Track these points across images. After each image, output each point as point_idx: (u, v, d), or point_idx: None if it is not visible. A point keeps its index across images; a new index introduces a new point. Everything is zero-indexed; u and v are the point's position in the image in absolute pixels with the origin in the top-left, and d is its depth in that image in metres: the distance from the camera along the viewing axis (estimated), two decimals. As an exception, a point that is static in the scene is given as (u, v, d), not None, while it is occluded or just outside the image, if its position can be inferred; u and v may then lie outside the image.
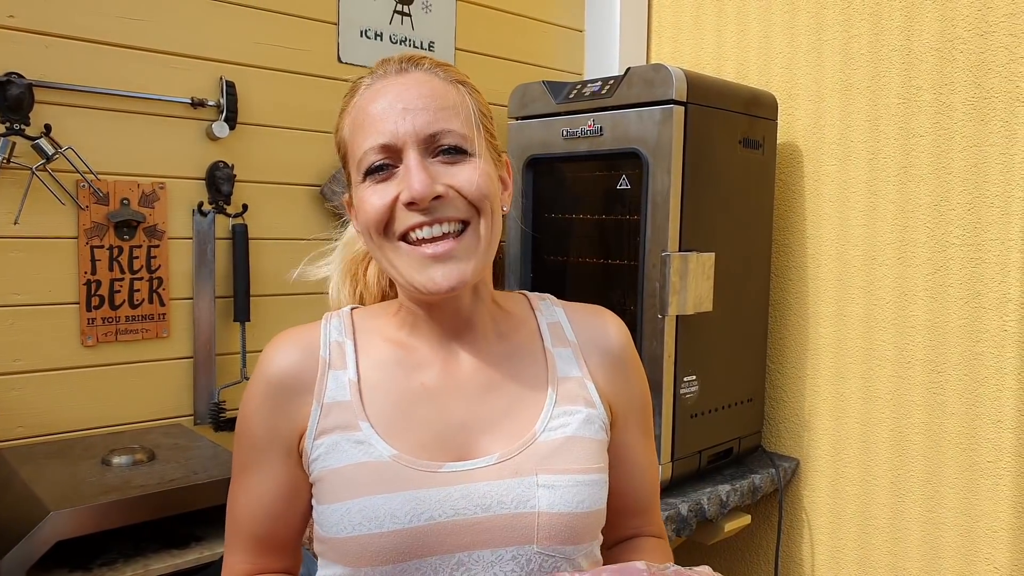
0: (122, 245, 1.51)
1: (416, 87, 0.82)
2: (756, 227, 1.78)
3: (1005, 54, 1.53)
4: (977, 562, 1.59)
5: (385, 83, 0.83)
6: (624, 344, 0.95)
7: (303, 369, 0.85)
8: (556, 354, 0.91)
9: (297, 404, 0.84)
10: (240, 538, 0.88)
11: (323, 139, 1.76)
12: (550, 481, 0.82)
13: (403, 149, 0.80)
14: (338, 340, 0.88)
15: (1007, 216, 1.53)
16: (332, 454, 0.82)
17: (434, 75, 0.84)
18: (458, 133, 0.81)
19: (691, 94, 1.54)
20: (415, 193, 0.78)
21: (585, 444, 0.86)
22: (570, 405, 0.88)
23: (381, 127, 0.80)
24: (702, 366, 1.63)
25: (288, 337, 0.88)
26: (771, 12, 1.91)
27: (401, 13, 1.85)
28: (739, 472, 1.77)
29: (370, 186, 0.81)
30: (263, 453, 0.85)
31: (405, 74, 0.84)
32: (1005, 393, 1.55)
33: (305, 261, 1.01)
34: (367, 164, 0.81)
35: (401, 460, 0.80)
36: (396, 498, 0.78)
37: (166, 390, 1.59)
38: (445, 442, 0.83)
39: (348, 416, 0.83)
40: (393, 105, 0.81)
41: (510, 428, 0.85)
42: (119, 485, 1.20)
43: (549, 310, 0.96)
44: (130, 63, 1.51)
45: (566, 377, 0.90)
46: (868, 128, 1.74)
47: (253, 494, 0.86)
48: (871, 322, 1.74)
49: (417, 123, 0.80)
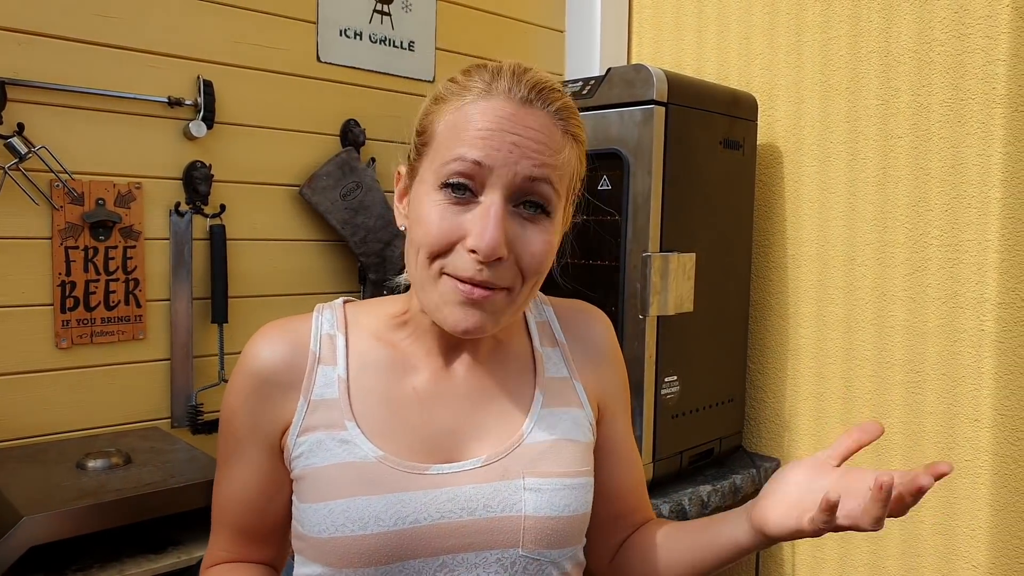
0: (97, 246, 1.49)
1: (535, 128, 0.77)
2: (737, 228, 1.78)
3: (981, 56, 1.54)
4: (956, 560, 1.60)
5: (506, 107, 0.76)
6: (610, 341, 0.96)
7: (291, 364, 0.83)
8: (544, 354, 0.91)
9: (282, 399, 0.83)
10: (223, 527, 0.87)
11: (302, 139, 1.75)
12: (536, 484, 0.81)
13: (491, 183, 0.75)
14: (330, 333, 0.86)
15: (984, 217, 1.55)
16: (316, 452, 0.80)
17: (557, 123, 0.78)
18: (549, 195, 0.78)
19: (672, 95, 1.54)
20: (485, 248, 0.73)
21: (572, 447, 0.86)
22: (557, 407, 0.88)
23: (484, 149, 0.75)
24: (683, 367, 1.63)
25: (276, 329, 0.86)
26: (751, 13, 1.91)
27: (381, 12, 1.84)
28: (720, 473, 1.77)
29: (441, 203, 0.76)
30: (245, 446, 0.84)
31: (529, 107, 0.77)
32: (983, 392, 1.56)
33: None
34: (449, 174, 0.76)
35: (387, 461, 0.79)
36: (381, 500, 0.77)
37: (143, 393, 1.57)
38: (432, 446, 0.82)
39: (334, 414, 0.82)
40: (505, 133, 0.75)
41: (498, 431, 0.85)
42: (94, 489, 1.18)
43: (539, 308, 0.96)
44: (105, 61, 1.49)
45: (553, 378, 0.90)
46: (847, 129, 1.75)
47: (235, 486, 0.85)
48: (851, 322, 1.75)
49: (520, 166, 0.75)
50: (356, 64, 1.81)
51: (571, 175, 0.81)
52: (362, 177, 1.78)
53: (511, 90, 0.77)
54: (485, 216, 0.75)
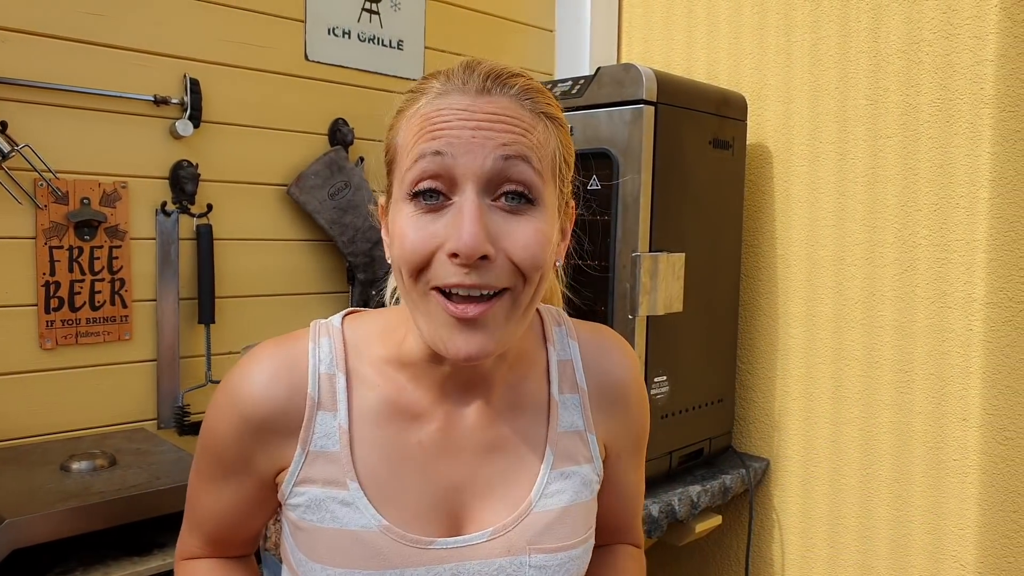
0: (82, 246, 1.48)
1: (499, 111, 0.69)
2: (726, 227, 1.78)
3: (969, 56, 1.54)
4: (944, 560, 1.61)
5: (461, 100, 0.69)
6: (630, 379, 0.87)
7: (288, 409, 0.76)
8: (561, 403, 0.83)
9: (278, 444, 0.77)
10: (198, 530, 0.85)
11: (290, 138, 1.74)
12: (541, 562, 0.78)
13: (461, 182, 0.67)
14: (328, 372, 0.77)
15: (972, 217, 1.55)
16: (315, 511, 0.76)
17: (523, 102, 0.71)
18: (529, 178, 0.69)
19: (661, 94, 1.54)
20: (463, 248, 0.65)
21: (578, 511, 0.81)
22: (568, 465, 0.82)
23: (443, 146, 0.67)
24: (673, 367, 1.63)
25: (271, 361, 0.78)
26: (741, 13, 1.91)
27: (370, 11, 1.83)
28: (710, 473, 1.77)
29: (413, 213, 0.69)
30: (233, 474, 0.80)
31: (487, 96, 0.70)
32: (971, 392, 1.56)
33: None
34: (413, 180, 0.68)
35: (390, 533, 0.75)
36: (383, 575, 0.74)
37: (128, 394, 1.56)
38: (437, 509, 0.78)
39: (335, 470, 0.76)
40: (463, 126, 0.68)
41: (505, 494, 0.79)
42: (78, 492, 1.17)
43: (563, 343, 0.86)
44: (91, 59, 1.48)
45: (566, 432, 0.83)
46: (837, 129, 1.75)
47: (219, 504, 0.82)
48: (840, 322, 1.76)
49: (488, 158, 0.67)
50: (345, 63, 1.80)
51: (552, 155, 0.72)
52: (350, 176, 1.77)
53: (465, 83, 0.71)
54: (459, 214, 0.67)
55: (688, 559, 2.06)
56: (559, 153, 0.74)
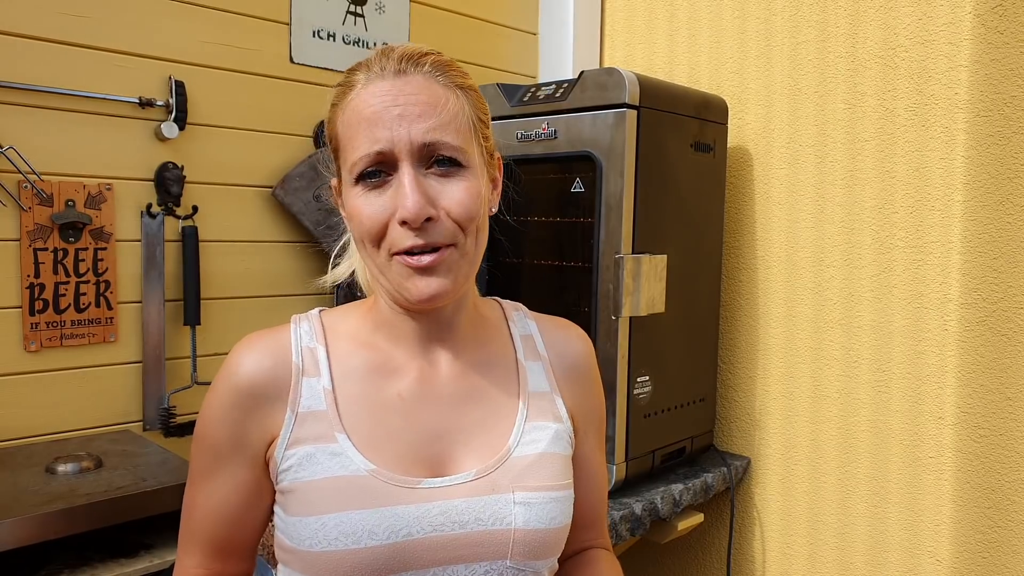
0: (67, 247, 1.48)
1: (414, 92, 0.80)
2: (707, 229, 1.81)
3: (945, 62, 1.57)
4: (921, 555, 1.64)
5: (382, 85, 0.80)
6: (589, 358, 0.98)
7: (275, 376, 0.84)
8: (528, 367, 0.93)
9: (268, 411, 0.83)
10: (196, 542, 0.86)
11: (275, 140, 1.74)
12: (526, 498, 0.83)
13: (397, 158, 0.79)
14: (310, 345, 0.86)
15: (947, 219, 1.58)
16: (307, 466, 0.81)
17: (434, 79, 0.82)
18: (453, 145, 0.80)
19: (643, 98, 1.56)
20: (408, 215, 0.77)
21: (556, 460, 0.88)
22: (540, 420, 0.89)
23: (377, 133, 0.79)
24: (655, 366, 1.65)
25: (258, 341, 0.86)
26: (721, 18, 1.94)
27: (354, 14, 1.84)
28: (692, 471, 1.79)
29: (362, 193, 0.80)
30: (227, 459, 0.84)
31: (403, 76, 0.81)
32: (946, 391, 1.59)
33: (330, 266, 1.01)
34: (360, 169, 0.80)
35: (379, 475, 0.80)
36: (375, 514, 0.78)
37: (114, 396, 1.56)
38: (421, 454, 0.83)
39: (323, 427, 0.82)
40: (389, 111, 0.79)
41: (485, 441, 0.86)
42: (64, 493, 1.17)
43: (523, 322, 0.97)
44: (75, 61, 1.48)
45: (536, 392, 0.92)
46: (816, 132, 1.78)
47: (213, 499, 0.85)
48: (819, 323, 1.78)
49: (413, 133, 0.79)
50: (329, 65, 1.81)
51: (468, 121, 0.83)
52: (336, 178, 1.77)
53: (384, 69, 0.81)
54: (401, 187, 0.79)
55: (670, 557, 2.08)
56: (473, 116, 0.84)
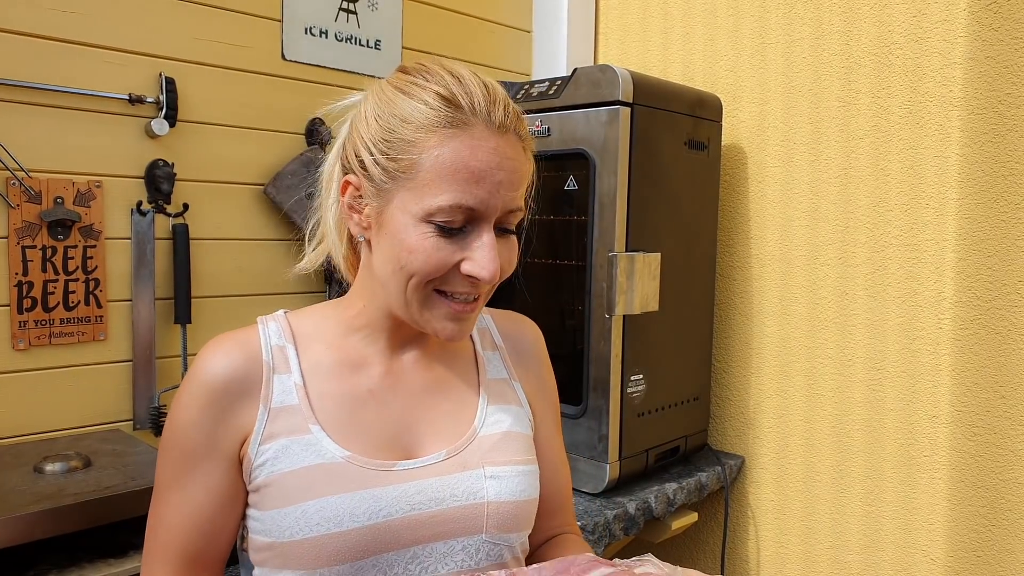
0: (56, 245, 1.46)
1: (511, 158, 0.81)
2: (701, 227, 1.80)
3: (939, 59, 1.57)
4: (914, 554, 1.64)
5: (491, 142, 0.80)
6: (540, 347, 1.04)
7: (247, 372, 0.84)
8: (486, 357, 0.98)
9: (241, 409, 0.83)
10: (167, 558, 0.84)
11: (267, 137, 1.73)
12: (496, 472, 0.87)
13: (484, 220, 0.81)
14: (279, 344, 0.88)
15: (942, 217, 1.58)
16: (282, 458, 0.81)
17: (520, 144, 0.83)
18: (520, 214, 0.84)
19: (637, 95, 1.55)
20: (488, 276, 0.80)
21: (520, 438, 0.93)
22: (501, 404, 0.95)
23: (476, 191, 0.79)
24: (649, 365, 1.65)
25: (226, 340, 0.87)
26: (716, 15, 1.93)
27: (347, 11, 1.83)
28: (686, 470, 1.79)
29: (432, 234, 0.79)
30: (199, 463, 0.83)
31: (504, 135, 0.81)
32: (940, 389, 1.59)
33: (305, 256, 1.00)
34: (442, 218, 0.79)
35: (354, 461, 0.82)
36: (354, 497, 0.80)
37: (104, 394, 1.55)
38: (393, 442, 0.86)
39: (297, 419, 0.83)
40: (494, 173, 0.79)
41: (451, 425, 0.90)
42: (52, 493, 1.16)
43: (479, 317, 1.00)
44: (64, 57, 1.47)
45: (495, 379, 0.97)
46: (810, 130, 1.77)
47: (185, 509, 0.83)
48: (814, 321, 1.78)
49: (505, 200, 0.81)
50: (322, 63, 1.80)
51: (531, 190, 0.88)
52: (328, 176, 1.76)
53: (491, 117, 0.80)
54: (483, 248, 0.80)
55: (664, 556, 2.07)
56: (533, 186, 0.88)
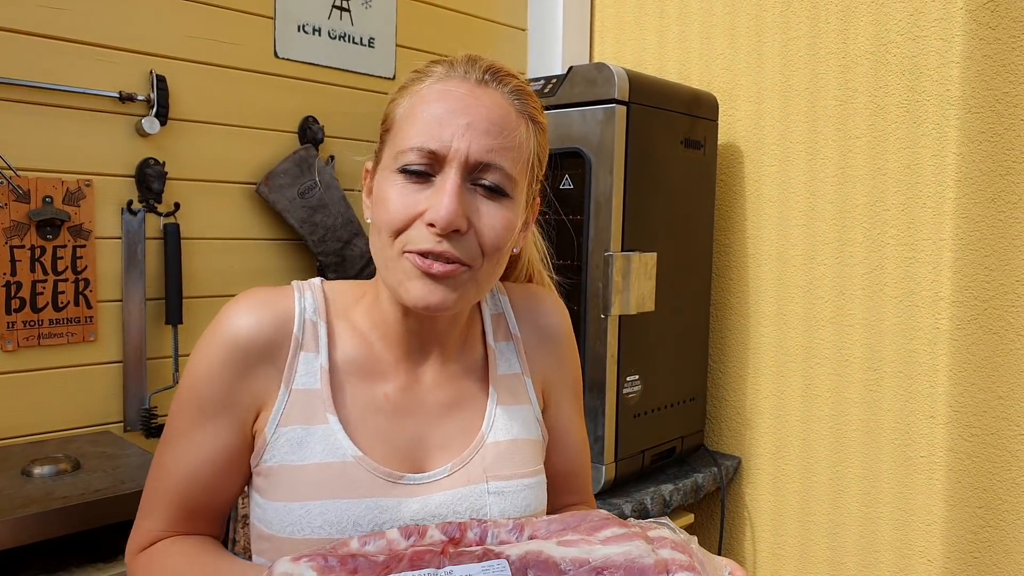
0: (45, 245, 1.45)
1: (489, 108, 0.78)
2: (698, 227, 1.79)
3: (936, 58, 1.56)
4: (912, 556, 1.63)
5: (460, 87, 0.79)
6: (561, 325, 0.97)
7: (274, 339, 0.82)
8: (497, 350, 0.92)
9: (262, 375, 0.81)
10: (165, 504, 0.83)
11: (259, 136, 1.71)
12: (499, 488, 0.84)
13: (447, 164, 0.76)
14: (312, 319, 0.84)
15: (939, 216, 1.57)
16: (295, 450, 0.80)
17: (512, 103, 0.80)
18: (507, 173, 0.78)
19: (633, 94, 1.54)
20: (440, 220, 0.74)
21: (527, 446, 0.89)
22: (510, 404, 0.90)
23: (437, 132, 0.76)
24: (645, 366, 1.63)
25: (259, 299, 0.83)
26: (712, 13, 1.92)
27: (340, 8, 1.81)
28: (682, 471, 1.78)
29: (400, 183, 0.77)
30: (212, 418, 0.81)
31: (484, 88, 0.79)
32: (938, 389, 1.58)
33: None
34: (406, 161, 0.77)
35: (365, 464, 0.80)
36: (360, 504, 0.78)
37: (94, 396, 1.53)
38: (403, 454, 0.84)
39: (316, 405, 0.81)
40: (457, 115, 0.77)
41: (459, 438, 0.87)
42: (40, 497, 1.14)
43: (494, 299, 0.96)
44: (53, 54, 1.45)
45: (505, 375, 0.91)
46: (807, 129, 1.76)
47: (192, 460, 0.82)
48: (811, 321, 1.77)
49: (473, 146, 0.76)
50: (315, 60, 1.78)
51: (528, 157, 0.81)
52: (321, 175, 1.75)
53: (467, 72, 0.80)
54: (441, 191, 0.76)
55: (661, 557, 2.06)
56: (535, 154, 0.82)
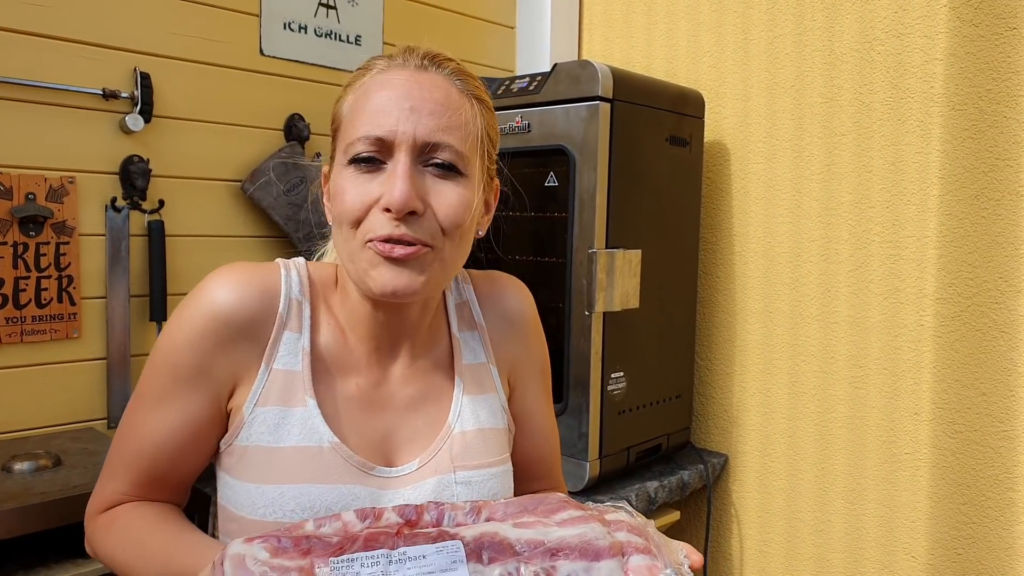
0: (27, 242, 1.44)
1: (431, 90, 0.79)
2: (684, 224, 1.79)
3: (920, 55, 1.56)
4: (896, 552, 1.63)
5: (401, 74, 0.80)
6: (525, 310, 0.98)
7: (258, 316, 0.81)
8: (462, 340, 0.93)
9: (241, 351, 0.81)
10: (130, 469, 0.83)
11: (245, 133, 1.71)
12: (467, 477, 0.85)
13: (396, 148, 0.77)
14: (298, 299, 0.85)
15: (923, 213, 1.57)
16: (271, 431, 0.80)
17: (453, 83, 0.82)
18: (456, 151, 0.79)
19: (617, 91, 1.54)
20: (394, 202, 0.75)
21: (494, 435, 0.90)
22: (477, 394, 0.91)
23: (381, 119, 0.77)
24: (630, 363, 1.63)
25: (245, 273, 0.83)
26: (699, 11, 1.92)
27: (326, 6, 1.81)
28: (668, 468, 1.78)
29: (352, 175, 0.79)
30: (186, 388, 0.80)
31: (424, 72, 0.81)
32: (922, 386, 1.58)
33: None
34: (355, 152, 0.78)
35: (340, 451, 0.81)
36: (334, 491, 0.79)
37: (77, 393, 1.53)
38: (375, 447, 0.85)
39: (296, 387, 0.81)
40: (400, 100, 0.78)
41: (427, 431, 0.88)
42: (18, 493, 1.14)
43: (458, 288, 0.96)
44: (36, 51, 1.45)
45: (470, 364, 0.93)
46: (793, 127, 1.76)
47: (161, 428, 0.81)
48: (797, 318, 1.77)
49: (419, 128, 0.77)
50: (301, 58, 1.78)
51: (477, 134, 0.82)
52: (306, 172, 1.75)
53: (406, 60, 0.82)
54: (393, 175, 0.77)
55: (649, 555, 2.06)
56: (483, 131, 0.83)
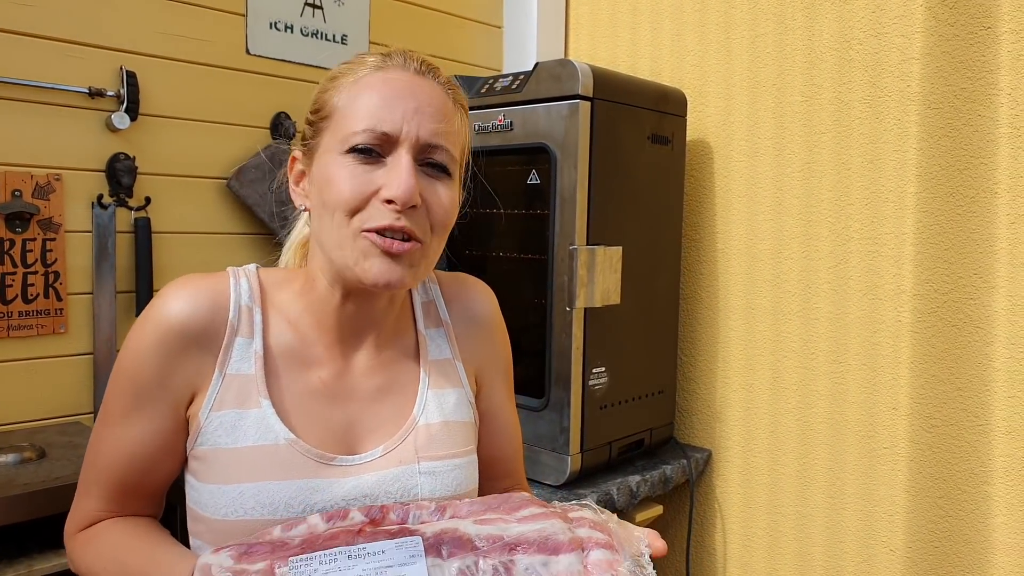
0: (14, 238, 1.46)
1: (431, 96, 0.84)
2: (666, 222, 1.81)
3: (897, 54, 1.58)
4: (875, 545, 1.65)
5: (402, 76, 0.84)
6: (492, 312, 1.01)
7: (209, 325, 0.83)
8: (428, 336, 0.95)
9: (196, 360, 0.83)
10: (102, 485, 0.85)
11: (230, 132, 1.73)
12: (431, 468, 0.87)
13: (399, 145, 0.81)
14: (248, 305, 0.86)
15: (901, 210, 1.59)
16: (228, 433, 0.81)
17: (447, 93, 0.86)
18: (450, 154, 0.84)
19: (598, 89, 1.56)
20: (401, 195, 0.78)
21: (459, 427, 0.91)
22: (442, 387, 0.93)
23: (387, 115, 0.81)
24: (611, 358, 1.65)
25: (195, 285, 0.85)
26: (683, 11, 1.94)
27: (312, 5, 1.83)
28: (651, 463, 1.79)
29: (350, 164, 0.81)
30: (148, 400, 0.82)
31: (423, 78, 0.85)
32: (900, 381, 1.60)
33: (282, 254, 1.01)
34: (356, 142, 0.80)
35: (297, 446, 0.82)
36: (292, 485, 0.80)
37: (64, 387, 1.54)
38: (336, 438, 0.86)
39: (250, 390, 0.83)
40: (405, 100, 0.82)
41: (392, 421, 0.89)
42: (1, 483, 1.16)
43: (425, 287, 0.99)
44: (22, 50, 1.46)
45: (436, 360, 0.94)
46: (774, 125, 1.78)
47: (127, 442, 0.83)
48: (778, 314, 1.79)
49: (422, 129, 0.81)
50: (287, 57, 1.80)
51: (463, 142, 0.87)
52: (293, 170, 1.77)
53: (405, 63, 0.85)
54: (397, 168, 0.80)
55: (634, 550, 2.08)
56: (467, 141, 0.90)
